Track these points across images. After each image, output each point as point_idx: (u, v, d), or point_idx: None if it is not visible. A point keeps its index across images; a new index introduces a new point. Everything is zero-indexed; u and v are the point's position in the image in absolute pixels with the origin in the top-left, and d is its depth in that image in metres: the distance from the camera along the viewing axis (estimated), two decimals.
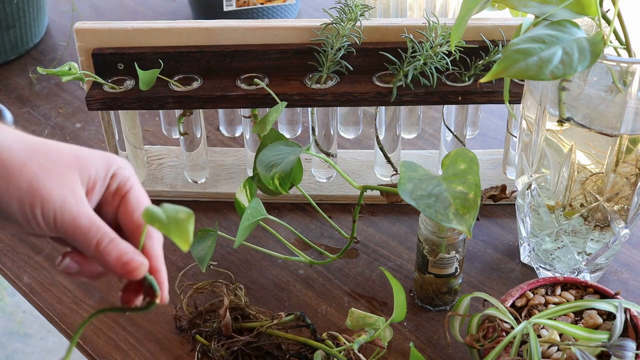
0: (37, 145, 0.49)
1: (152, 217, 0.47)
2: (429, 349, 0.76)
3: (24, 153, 0.48)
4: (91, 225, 0.49)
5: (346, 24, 0.83)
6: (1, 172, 0.47)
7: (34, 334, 1.84)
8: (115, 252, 0.49)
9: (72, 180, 0.49)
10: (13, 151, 0.48)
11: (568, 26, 0.61)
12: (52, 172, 0.48)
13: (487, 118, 1.07)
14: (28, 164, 0.48)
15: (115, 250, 0.49)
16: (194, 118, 0.90)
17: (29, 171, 0.48)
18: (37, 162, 0.48)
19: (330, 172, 0.94)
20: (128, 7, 1.37)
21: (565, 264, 0.78)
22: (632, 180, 0.71)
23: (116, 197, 0.52)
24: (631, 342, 0.62)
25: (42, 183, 0.48)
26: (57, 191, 0.48)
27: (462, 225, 0.60)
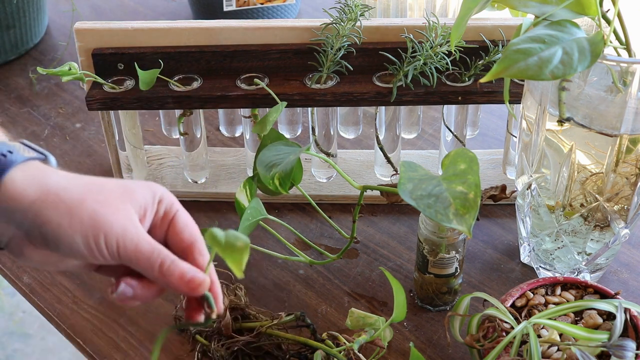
0: (89, 183, 0.52)
1: (213, 239, 0.50)
2: (429, 349, 0.76)
3: (80, 190, 0.51)
4: (152, 249, 0.52)
5: (346, 24, 0.83)
6: (63, 209, 0.50)
7: (33, 334, 1.84)
8: (178, 271, 0.52)
9: (127, 210, 0.52)
10: (69, 190, 0.51)
11: (568, 26, 0.61)
12: (108, 205, 0.52)
13: (487, 118, 1.07)
14: (86, 200, 0.51)
15: (177, 269, 0.52)
16: (194, 118, 0.90)
17: (88, 206, 0.51)
18: (93, 198, 0.51)
19: (330, 172, 0.94)
20: (128, 7, 1.37)
21: (565, 264, 0.78)
22: (632, 180, 0.71)
23: (164, 220, 0.55)
24: (631, 342, 0.62)
25: (102, 215, 0.51)
26: (117, 222, 0.51)
27: (462, 225, 0.60)
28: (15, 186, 0.50)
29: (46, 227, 0.50)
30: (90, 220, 0.51)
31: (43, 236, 0.51)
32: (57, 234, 0.50)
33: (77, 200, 0.51)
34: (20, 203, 0.50)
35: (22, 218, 0.50)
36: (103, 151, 1.03)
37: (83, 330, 0.79)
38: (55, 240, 0.51)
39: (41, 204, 0.50)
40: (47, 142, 1.05)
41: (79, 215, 0.50)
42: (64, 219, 0.50)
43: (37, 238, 0.51)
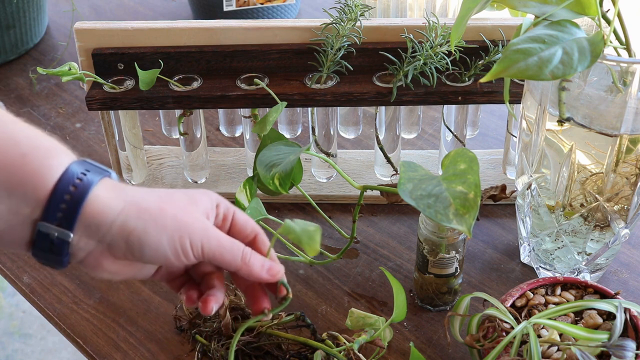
0: (160, 193, 0.57)
1: (288, 229, 0.57)
2: (429, 349, 0.76)
3: (155, 200, 0.56)
4: (232, 243, 0.57)
5: (346, 24, 0.83)
6: (147, 217, 0.54)
7: (33, 334, 1.84)
8: (258, 262, 0.58)
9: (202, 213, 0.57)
10: (147, 200, 0.55)
11: (568, 26, 0.61)
12: (184, 210, 0.56)
13: (487, 118, 1.07)
14: (165, 207, 0.55)
15: (257, 260, 0.58)
16: (194, 118, 0.90)
17: (168, 212, 0.55)
18: (170, 204, 0.56)
19: (330, 172, 0.94)
20: (128, 7, 1.37)
21: (565, 264, 0.78)
22: (632, 180, 0.71)
23: (225, 221, 0.60)
24: (631, 342, 0.62)
25: (183, 219, 0.55)
26: (197, 223, 0.56)
27: (462, 225, 0.60)
28: (100, 202, 0.53)
29: (132, 236, 0.54)
30: (174, 224, 0.55)
31: (128, 245, 0.54)
32: (143, 241, 0.54)
33: (157, 208, 0.55)
34: (106, 217, 0.53)
35: (106, 231, 0.53)
36: (103, 151, 1.03)
37: (83, 330, 0.79)
38: (140, 247, 0.54)
39: (126, 215, 0.53)
40: None
41: (162, 221, 0.54)
42: (150, 226, 0.54)
43: (120, 248, 0.54)
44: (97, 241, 0.54)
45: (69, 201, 0.52)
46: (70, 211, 0.52)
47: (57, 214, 0.52)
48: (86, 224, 0.53)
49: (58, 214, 0.52)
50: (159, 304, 0.81)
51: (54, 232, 0.52)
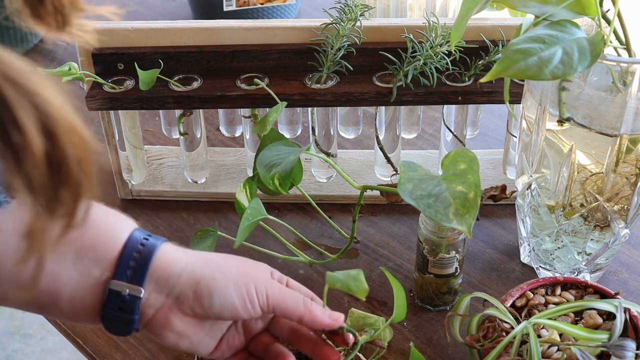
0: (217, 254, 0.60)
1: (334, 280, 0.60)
2: (429, 349, 0.76)
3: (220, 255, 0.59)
4: (294, 292, 0.59)
5: (346, 24, 0.83)
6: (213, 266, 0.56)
7: (33, 334, 1.84)
8: (319, 308, 0.59)
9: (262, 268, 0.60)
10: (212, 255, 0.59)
11: (568, 26, 0.61)
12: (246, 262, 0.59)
13: (487, 118, 1.07)
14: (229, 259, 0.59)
15: (318, 307, 0.59)
16: (194, 118, 0.90)
17: (233, 263, 0.58)
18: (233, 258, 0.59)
19: (330, 172, 0.94)
20: (128, 7, 1.37)
21: (565, 264, 0.78)
22: (632, 180, 0.71)
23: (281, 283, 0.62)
24: (631, 342, 0.62)
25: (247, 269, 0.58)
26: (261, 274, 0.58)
27: (462, 225, 0.60)
28: (168, 255, 0.56)
29: (201, 284, 0.55)
30: (240, 272, 0.57)
31: (197, 295, 0.55)
32: (212, 288, 0.55)
33: (222, 259, 0.58)
34: (175, 267, 0.55)
35: (176, 281, 0.55)
36: (103, 151, 1.03)
37: (83, 330, 0.79)
38: (209, 294, 0.55)
39: (194, 265, 0.56)
40: None
41: (228, 269, 0.57)
42: (217, 273, 0.56)
43: (188, 300, 0.55)
44: (166, 295, 0.55)
45: (138, 258, 0.54)
46: (140, 267, 0.54)
47: (128, 271, 0.54)
48: (156, 278, 0.55)
49: (128, 271, 0.54)
50: None
51: (125, 289, 0.54)
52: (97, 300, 0.54)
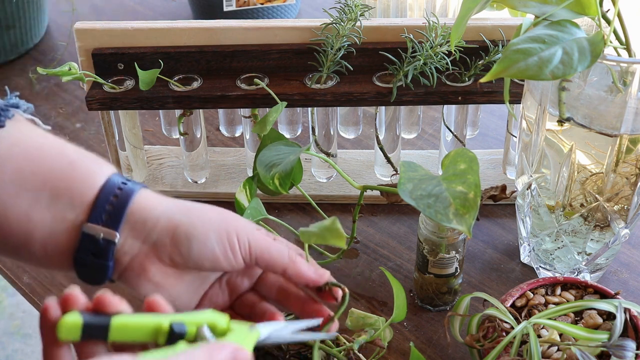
0: None
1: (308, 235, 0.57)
2: (429, 349, 0.76)
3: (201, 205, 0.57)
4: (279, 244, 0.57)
5: (346, 24, 0.83)
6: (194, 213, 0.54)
7: (33, 334, 1.84)
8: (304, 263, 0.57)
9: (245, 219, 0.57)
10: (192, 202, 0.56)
11: (568, 26, 0.61)
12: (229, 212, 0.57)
13: (487, 118, 1.07)
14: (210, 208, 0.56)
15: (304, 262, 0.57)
16: (194, 118, 0.90)
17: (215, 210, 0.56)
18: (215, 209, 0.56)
19: (330, 172, 0.94)
20: (128, 7, 1.37)
21: (565, 264, 0.78)
22: (632, 180, 0.71)
23: None
24: (631, 342, 0.62)
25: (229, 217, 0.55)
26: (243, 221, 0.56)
27: (462, 225, 0.60)
28: (147, 199, 0.54)
29: (179, 230, 0.53)
30: (221, 219, 0.54)
31: (175, 241, 0.53)
32: (190, 234, 0.53)
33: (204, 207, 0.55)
34: (154, 211, 0.53)
35: (152, 226, 0.53)
36: (103, 151, 1.03)
37: None
38: (188, 242, 0.53)
39: (174, 209, 0.54)
40: None
41: (209, 216, 0.54)
42: (197, 219, 0.53)
43: (166, 247, 0.53)
44: (142, 241, 0.53)
45: (114, 202, 0.53)
46: (116, 211, 0.52)
47: (103, 215, 0.52)
48: (132, 223, 0.53)
49: (104, 215, 0.52)
50: None
51: (100, 233, 0.52)
52: (71, 244, 0.53)
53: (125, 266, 0.54)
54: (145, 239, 0.53)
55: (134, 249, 0.54)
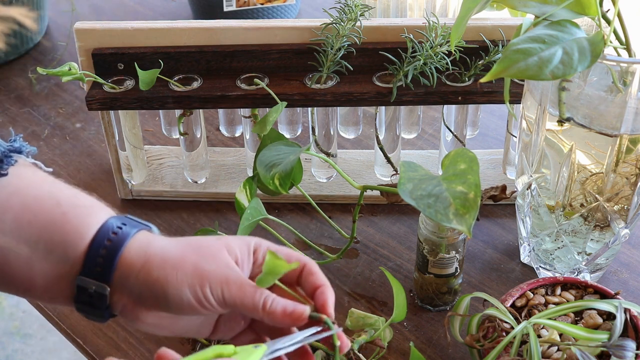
0: (187, 242, 0.57)
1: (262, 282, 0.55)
2: (429, 349, 0.76)
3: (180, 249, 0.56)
4: (255, 290, 0.55)
5: (346, 24, 0.83)
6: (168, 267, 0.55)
7: (33, 334, 1.84)
8: (280, 307, 0.55)
9: (225, 258, 0.56)
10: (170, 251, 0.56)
11: (568, 26, 0.61)
12: (208, 256, 0.56)
13: (487, 118, 1.07)
14: (186, 256, 0.55)
15: (279, 306, 0.55)
16: (194, 118, 0.90)
17: (189, 261, 0.55)
18: (194, 252, 0.56)
19: (330, 172, 0.94)
20: (128, 7, 1.37)
21: (565, 264, 0.78)
22: (632, 180, 0.71)
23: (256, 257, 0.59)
24: (631, 342, 0.62)
25: (203, 267, 0.55)
26: (219, 270, 0.55)
27: (462, 225, 0.60)
28: (131, 255, 0.55)
29: (156, 286, 0.54)
30: (194, 271, 0.55)
31: (154, 295, 0.55)
32: (166, 290, 0.54)
33: (179, 257, 0.55)
34: (133, 268, 0.55)
35: (134, 282, 0.55)
36: (103, 151, 1.03)
37: (83, 330, 0.79)
38: (164, 296, 0.54)
39: (150, 266, 0.55)
40: (47, 142, 1.05)
41: (182, 269, 0.55)
42: (171, 275, 0.54)
43: (148, 299, 0.55)
44: (127, 294, 0.55)
45: (104, 255, 0.55)
46: (106, 265, 0.55)
47: (95, 268, 0.55)
48: (119, 276, 0.55)
49: (96, 268, 0.55)
50: None
51: (92, 286, 0.55)
52: (69, 293, 0.55)
53: (120, 311, 0.57)
54: (130, 291, 0.56)
55: (123, 299, 0.56)
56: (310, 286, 0.58)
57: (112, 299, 0.56)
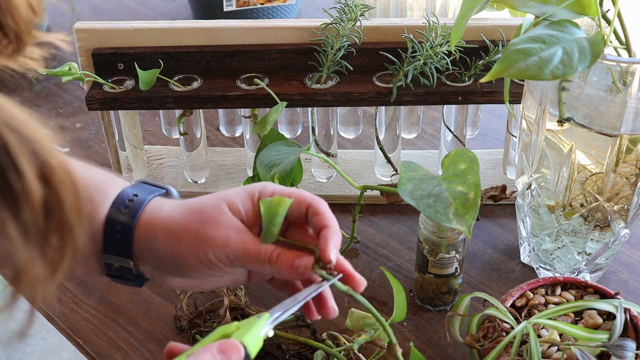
0: (190, 206, 0.57)
1: None
2: (429, 349, 0.76)
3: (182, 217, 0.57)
4: (258, 249, 0.55)
5: (346, 24, 0.83)
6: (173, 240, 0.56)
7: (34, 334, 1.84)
8: (285, 262, 0.55)
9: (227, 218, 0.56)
10: (174, 220, 0.56)
11: (568, 26, 0.61)
12: (208, 220, 0.56)
13: (487, 118, 1.07)
14: (188, 224, 0.56)
15: (284, 260, 0.55)
16: (194, 118, 0.90)
17: (191, 229, 0.56)
18: (194, 220, 0.56)
19: (330, 172, 0.94)
20: (128, 7, 1.37)
21: (565, 264, 0.78)
22: (632, 180, 0.71)
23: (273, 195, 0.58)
24: (631, 342, 0.62)
25: (204, 234, 0.55)
26: (219, 234, 0.55)
27: (462, 225, 0.60)
28: (142, 229, 0.56)
29: (165, 257, 0.56)
30: (196, 239, 0.55)
31: (167, 266, 0.56)
32: (174, 261, 0.56)
33: (182, 227, 0.56)
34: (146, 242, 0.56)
35: (149, 254, 0.57)
36: (103, 151, 1.03)
37: (83, 330, 0.79)
38: (175, 266, 0.56)
39: (158, 240, 0.56)
40: None
41: (185, 239, 0.55)
42: (175, 246, 0.56)
43: (165, 269, 0.57)
44: (148, 264, 0.57)
45: (120, 231, 0.56)
46: (123, 241, 0.56)
47: (115, 244, 0.56)
48: (138, 249, 0.57)
49: (115, 244, 0.56)
50: (159, 304, 0.81)
51: (117, 262, 0.56)
52: (100, 268, 0.57)
53: (149, 277, 0.59)
54: (149, 262, 0.57)
55: (147, 268, 0.58)
56: (315, 227, 0.57)
57: (139, 268, 0.57)
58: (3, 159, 0.37)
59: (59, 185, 0.40)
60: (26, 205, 0.38)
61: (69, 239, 0.41)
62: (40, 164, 0.38)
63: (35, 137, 0.38)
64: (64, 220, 0.40)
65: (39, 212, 0.39)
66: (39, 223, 0.39)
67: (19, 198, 0.38)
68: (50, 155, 0.39)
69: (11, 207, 0.38)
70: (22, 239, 0.39)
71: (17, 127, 0.38)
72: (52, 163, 0.39)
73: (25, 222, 0.38)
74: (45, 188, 0.39)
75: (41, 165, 0.38)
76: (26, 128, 0.38)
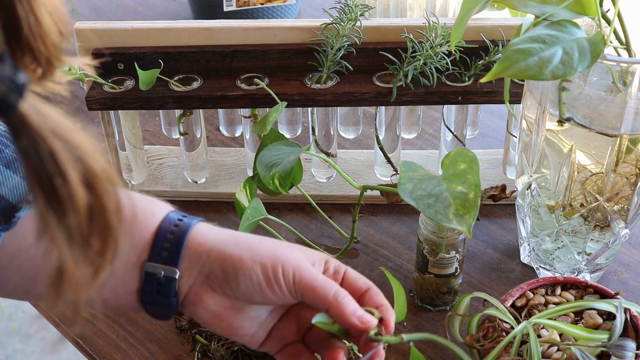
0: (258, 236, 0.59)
1: None
2: (429, 349, 0.76)
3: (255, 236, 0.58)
4: (326, 281, 0.56)
5: (346, 24, 0.83)
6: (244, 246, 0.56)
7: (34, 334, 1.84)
8: (352, 305, 0.56)
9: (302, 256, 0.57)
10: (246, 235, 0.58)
11: (568, 26, 0.61)
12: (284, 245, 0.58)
13: (487, 118, 1.07)
14: (263, 241, 0.57)
15: (351, 304, 0.56)
16: (194, 118, 0.90)
17: (266, 244, 0.57)
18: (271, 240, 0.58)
19: (330, 172, 0.94)
20: (128, 7, 1.37)
21: (565, 264, 0.78)
22: (632, 180, 0.71)
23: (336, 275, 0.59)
24: (631, 342, 0.62)
25: (279, 250, 0.56)
26: (293, 256, 0.56)
27: (462, 225, 0.60)
28: (202, 233, 0.57)
29: (228, 263, 0.55)
30: (269, 253, 0.56)
31: (224, 273, 0.55)
32: (238, 268, 0.55)
33: (256, 240, 0.57)
34: (206, 244, 0.56)
35: (206, 258, 0.56)
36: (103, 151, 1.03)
37: (83, 330, 0.79)
38: (235, 274, 0.55)
39: (225, 243, 0.56)
40: None
41: (258, 250, 0.56)
42: (245, 252, 0.55)
43: (217, 278, 0.56)
44: (197, 272, 0.56)
45: (172, 239, 0.56)
46: (174, 248, 0.55)
47: (163, 252, 0.55)
48: (189, 257, 0.56)
49: (163, 252, 0.55)
50: None
51: (161, 271, 0.55)
52: (136, 285, 0.56)
53: (184, 296, 0.57)
54: (200, 270, 0.56)
55: (190, 278, 0.56)
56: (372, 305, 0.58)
57: (179, 283, 0.56)
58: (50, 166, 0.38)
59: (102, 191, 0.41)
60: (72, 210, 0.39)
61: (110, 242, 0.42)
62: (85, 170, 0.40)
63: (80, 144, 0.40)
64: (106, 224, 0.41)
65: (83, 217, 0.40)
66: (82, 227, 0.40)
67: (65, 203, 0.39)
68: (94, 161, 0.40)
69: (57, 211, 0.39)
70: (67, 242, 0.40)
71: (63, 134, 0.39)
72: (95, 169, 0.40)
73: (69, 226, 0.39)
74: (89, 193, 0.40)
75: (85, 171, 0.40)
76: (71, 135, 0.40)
